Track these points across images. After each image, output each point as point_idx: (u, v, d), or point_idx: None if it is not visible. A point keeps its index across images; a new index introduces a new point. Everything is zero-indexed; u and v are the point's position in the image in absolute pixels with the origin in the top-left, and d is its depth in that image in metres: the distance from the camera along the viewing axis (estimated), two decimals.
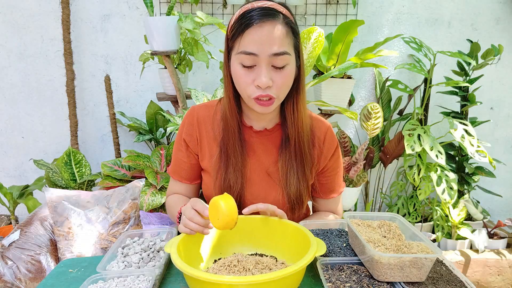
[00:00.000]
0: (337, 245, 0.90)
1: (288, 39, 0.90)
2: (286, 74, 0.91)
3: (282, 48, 0.88)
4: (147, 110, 2.23)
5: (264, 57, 0.88)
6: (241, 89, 0.94)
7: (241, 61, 0.90)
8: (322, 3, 2.25)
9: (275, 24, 0.88)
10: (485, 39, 2.34)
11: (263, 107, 0.94)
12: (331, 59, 1.95)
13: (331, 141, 1.09)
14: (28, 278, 1.43)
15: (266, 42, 0.87)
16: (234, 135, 1.01)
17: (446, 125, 2.33)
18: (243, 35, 0.88)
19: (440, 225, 2.26)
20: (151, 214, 1.91)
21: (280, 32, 0.88)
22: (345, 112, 1.80)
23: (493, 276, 2.22)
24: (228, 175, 1.02)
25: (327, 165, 1.10)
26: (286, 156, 1.03)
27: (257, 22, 0.87)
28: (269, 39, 0.87)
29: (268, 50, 0.87)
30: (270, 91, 0.91)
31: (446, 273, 0.81)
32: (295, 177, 1.02)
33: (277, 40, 0.87)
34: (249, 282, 0.66)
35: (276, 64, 0.89)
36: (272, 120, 1.06)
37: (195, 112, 1.09)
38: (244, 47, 0.88)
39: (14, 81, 2.26)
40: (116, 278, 0.81)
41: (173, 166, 1.14)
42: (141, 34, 2.23)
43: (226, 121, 1.02)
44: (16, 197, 2.05)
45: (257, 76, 0.90)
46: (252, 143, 1.06)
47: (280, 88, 0.92)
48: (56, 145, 2.37)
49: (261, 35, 0.87)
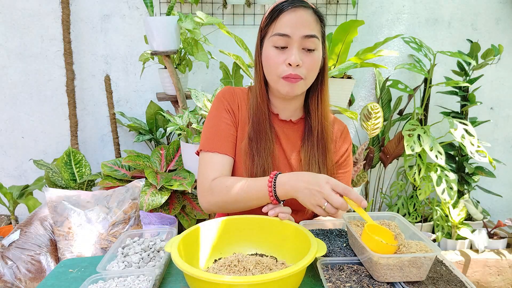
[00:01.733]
0: (337, 245, 0.90)
1: (317, 26, 0.98)
2: (314, 58, 0.98)
3: (313, 31, 0.96)
4: (147, 110, 2.23)
5: (296, 38, 0.95)
6: (271, 70, 0.99)
7: (274, 43, 0.97)
8: (322, 3, 2.25)
9: (307, 10, 0.97)
10: (485, 39, 2.34)
11: (291, 84, 0.98)
12: (331, 59, 1.95)
13: (346, 139, 1.14)
14: (28, 278, 1.43)
15: (299, 24, 0.95)
16: (264, 120, 1.05)
17: (446, 125, 2.33)
18: (278, 19, 0.97)
19: (440, 225, 2.26)
20: (151, 214, 1.91)
21: (311, 17, 0.96)
22: (345, 112, 1.80)
23: (493, 276, 2.22)
24: (261, 159, 1.03)
25: (338, 161, 1.13)
26: (308, 147, 1.07)
27: (290, 7, 0.95)
28: (302, 22, 0.95)
29: (300, 31, 0.95)
30: (299, 70, 0.97)
31: (446, 273, 0.81)
32: (316, 167, 1.06)
33: (308, 23, 0.96)
34: (249, 282, 0.66)
35: (307, 46, 0.96)
36: (296, 111, 1.10)
37: (232, 89, 1.12)
38: (278, 29, 0.96)
39: (14, 81, 2.26)
40: (116, 278, 0.81)
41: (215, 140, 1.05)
42: (141, 34, 2.23)
43: (257, 106, 1.06)
44: (16, 197, 2.05)
45: (289, 55, 0.96)
46: (277, 131, 1.09)
47: (308, 69, 0.98)
48: (56, 145, 2.37)
49: (294, 18, 0.95)
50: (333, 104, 1.93)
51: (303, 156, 1.07)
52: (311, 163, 1.06)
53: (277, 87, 1.01)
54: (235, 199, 0.97)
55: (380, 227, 0.82)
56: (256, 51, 1.04)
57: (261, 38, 1.03)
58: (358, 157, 2.09)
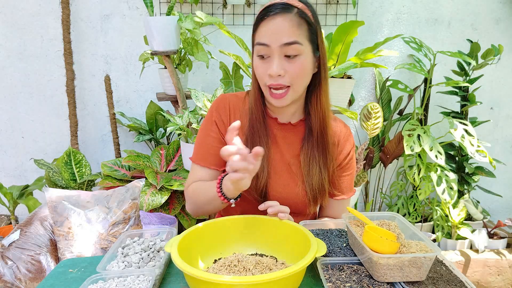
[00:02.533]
0: (337, 245, 0.90)
1: (300, 31, 0.93)
2: (298, 64, 0.95)
3: (292, 38, 0.92)
4: (147, 110, 2.23)
5: (275, 47, 0.93)
6: (258, 79, 1.00)
7: (257, 52, 0.97)
8: (322, 3, 2.25)
9: (286, 16, 0.92)
10: (485, 39, 2.34)
11: (277, 100, 0.97)
12: (331, 59, 1.94)
13: (349, 141, 1.12)
14: (28, 278, 1.43)
15: (277, 33, 0.92)
16: (259, 125, 1.05)
17: (446, 125, 2.33)
18: (258, 28, 0.95)
19: (440, 225, 2.26)
20: (151, 214, 1.91)
21: (290, 23, 0.92)
22: (345, 112, 1.80)
23: (493, 276, 2.22)
24: None
25: (341, 164, 1.12)
26: (308, 148, 1.06)
27: (269, 15, 0.93)
28: (279, 30, 0.92)
29: (278, 40, 0.92)
30: (283, 80, 0.95)
31: (446, 273, 0.81)
32: (317, 168, 1.04)
33: (287, 31, 0.92)
34: (249, 282, 0.66)
35: (288, 53, 0.93)
36: (295, 114, 1.09)
37: (226, 99, 1.11)
38: (258, 38, 0.95)
39: (14, 81, 2.26)
40: (116, 278, 0.81)
41: (199, 152, 1.10)
42: (141, 34, 2.23)
43: (252, 111, 1.06)
44: (16, 197, 2.05)
45: (269, 66, 0.95)
46: (276, 135, 1.08)
47: (293, 77, 0.95)
48: (56, 145, 2.37)
49: (271, 27, 0.92)
50: (333, 104, 1.93)
51: (302, 158, 1.05)
52: (312, 165, 1.04)
53: (266, 96, 1.00)
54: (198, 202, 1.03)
55: (381, 229, 0.82)
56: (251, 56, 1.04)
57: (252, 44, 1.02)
58: (358, 157, 2.09)
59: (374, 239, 0.77)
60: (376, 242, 0.77)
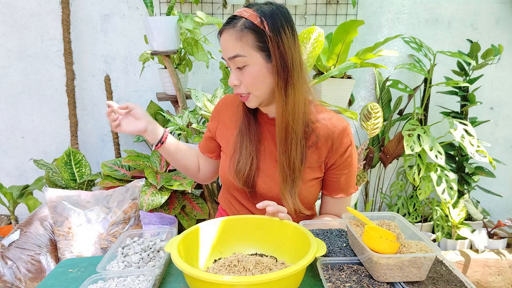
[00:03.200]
0: (337, 245, 0.90)
1: (241, 43, 0.97)
2: (248, 73, 1.00)
3: (233, 52, 0.98)
4: (147, 110, 2.23)
5: (227, 60, 1.01)
6: None
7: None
8: (322, 3, 2.25)
9: (228, 31, 0.99)
10: (485, 39, 2.34)
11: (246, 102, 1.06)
12: (331, 59, 1.94)
13: (343, 139, 1.08)
14: (28, 278, 1.43)
15: (224, 48, 1.00)
16: (249, 120, 1.11)
17: (446, 125, 2.33)
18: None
19: (440, 225, 2.26)
20: (151, 214, 1.91)
21: (232, 37, 0.98)
22: (345, 112, 1.80)
23: (493, 276, 2.22)
24: (242, 157, 1.09)
25: (336, 162, 1.09)
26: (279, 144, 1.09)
27: (221, 31, 1.01)
28: (224, 45, 1.00)
29: (226, 55, 1.01)
30: (240, 89, 1.02)
31: (446, 273, 0.81)
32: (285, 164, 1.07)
33: (229, 45, 0.99)
34: (249, 282, 0.66)
35: (237, 65, 1.00)
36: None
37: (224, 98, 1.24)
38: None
39: (14, 81, 2.26)
40: (116, 278, 0.81)
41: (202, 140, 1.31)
42: (141, 34, 2.23)
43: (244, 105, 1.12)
44: (16, 197, 2.05)
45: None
46: (266, 130, 1.13)
47: (246, 85, 1.01)
48: (56, 145, 2.37)
49: (221, 43, 1.01)
50: (333, 104, 1.93)
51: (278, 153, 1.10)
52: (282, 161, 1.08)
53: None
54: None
55: (381, 229, 0.82)
56: None
57: None
58: (358, 157, 2.09)
59: (374, 239, 0.77)
60: (376, 242, 0.77)
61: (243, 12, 0.99)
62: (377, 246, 0.77)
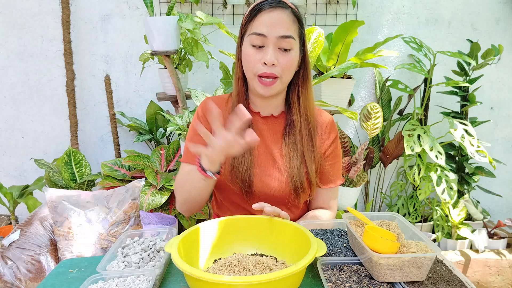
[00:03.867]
0: (337, 245, 0.90)
1: (294, 26, 1.00)
2: (290, 57, 1.01)
3: (288, 31, 0.98)
4: (147, 110, 2.23)
5: (272, 38, 0.98)
6: (248, 67, 1.03)
7: (251, 41, 1.00)
8: (322, 3, 2.25)
9: (284, 11, 0.99)
10: (485, 39, 2.34)
11: (265, 87, 1.02)
12: (331, 59, 1.95)
13: (331, 130, 1.16)
14: (28, 278, 1.43)
15: (275, 25, 0.97)
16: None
17: (446, 125, 2.33)
18: (255, 19, 1.00)
19: (440, 225, 2.26)
20: (151, 214, 1.91)
21: (287, 18, 0.99)
22: (345, 112, 1.80)
23: (493, 276, 2.22)
24: (238, 159, 1.07)
25: (326, 152, 1.14)
26: (290, 140, 1.09)
27: (268, 7, 0.98)
28: (278, 22, 0.98)
29: (276, 32, 0.98)
30: (275, 69, 1.00)
31: (446, 273, 0.81)
32: (297, 160, 1.08)
33: (284, 24, 0.98)
34: (249, 282, 0.66)
35: (283, 46, 0.99)
36: (278, 107, 1.13)
37: (209, 100, 1.16)
38: (255, 28, 0.99)
39: (14, 81, 2.26)
40: (116, 278, 0.81)
41: (185, 152, 1.13)
42: (141, 34, 2.23)
43: (234, 106, 1.09)
44: (16, 197, 2.05)
45: (265, 54, 0.99)
46: (259, 128, 1.12)
47: (284, 68, 1.00)
48: (56, 145, 2.37)
49: (271, 18, 0.98)
50: (333, 104, 1.93)
51: (284, 150, 1.10)
52: (293, 157, 1.08)
53: (254, 85, 1.04)
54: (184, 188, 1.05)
55: (381, 229, 0.82)
56: (236, 49, 1.08)
57: (241, 36, 1.05)
58: (358, 157, 2.09)
59: (374, 239, 0.77)
60: (376, 242, 0.77)
61: (287, 1, 1.02)
62: (377, 246, 0.77)
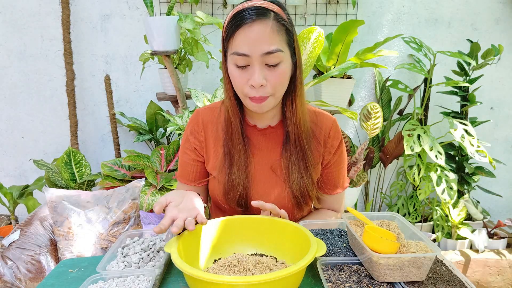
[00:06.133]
0: (337, 245, 0.90)
1: (279, 36, 0.89)
2: (280, 72, 0.91)
3: (273, 46, 0.88)
4: (147, 110, 2.23)
5: (256, 56, 0.88)
6: (237, 89, 0.95)
7: (235, 61, 0.91)
8: (322, 3, 2.25)
9: (265, 23, 0.87)
10: (485, 39, 2.34)
11: (258, 105, 0.93)
12: (331, 59, 1.95)
13: (335, 136, 1.09)
14: (28, 278, 1.43)
15: (257, 42, 0.87)
16: (237, 134, 1.02)
17: (446, 125, 2.33)
18: (235, 36, 0.89)
19: (440, 225, 2.26)
20: (151, 214, 1.91)
21: (270, 30, 0.87)
22: (345, 112, 1.80)
23: (493, 276, 2.22)
24: (232, 174, 1.02)
25: (331, 160, 1.10)
26: (287, 152, 1.03)
27: (247, 22, 0.87)
28: (259, 38, 0.87)
29: (259, 49, 0.87)
30: (265, 90, 0.91)
31: (446, 273, 0.81)
32: (297, 173, 1.02)
33: (267, 39, 0.87)
34: (249, 282, 0.66)
35: (269, 62, 0.89)
36: (275, 117, 1.06)
37: (199, 115, 1.09)
38: (236, 48, 0.89)
39: (14, 81, 2.26)
40: (116, 278, 0.81)
41: (179, 170, 1.13)
42: (141, 34, 2.23)
43: (228, 121, 1.02)
44: (16, 197, 2.05)
45: (251, 75, 0.90)
46: (256, 141, 1.06)
47: (274, 86, 0.92)
48: (56, 145, 2.37)
49: (251, 36, 0.87)
50: (333, 104, 1.93)
51: (283, 162, 1.04)
52: (291, 170, 1.02)
53: (246, 104, 0.97)
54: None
55: (381, 229, 0.82)
56: (222, 62, 0.98)
57: (224, 51, 0.95)
58: (358, 157, 2.09)
59: (374, 239, 0.77)
60: (376, 242, 0.77)
61: (269, 5, 0.90)
62: (377, 246, 0.77)
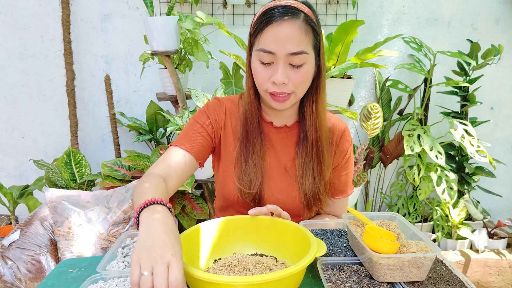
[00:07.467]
0: (337, 245, 0.90)
1: (307, 39, 0.90)
2: (303, 73, 0.92)
3: (299, 47, 0.89)
4: (147, 110, 2.23)
5: (281, 55, 0.89)
6: (258, 84, 0.96)
7: (259, 57, 0.92)
8: (322, 3, 2.25)
9: (294, 23, 0.88)
10: (485, 39, 2.34)
11: (279, 103, 0.95)
12: (331, 59, 1.94)
13: (346, 140, 1.10)
14: (28, 278, 1.43)
15: (284, 41, 0.88)
16: (253, 129, 1.03)
17: (446, 125, 2.33)
18: (263, 33, 0.90)
19: (440, 225, 2.26)
20: None
21: (298, 31, 0.89)
22: (345, 112, 1.80)
23: (493, 276, 2.22)
24: (248, 168, 1.02)
25: (339, 164, 1.10)
26: (303, 153, 1.03)
27: (276, 20, 0.88)
28: (287, 38, 0.88)
29: (285, 49, 0.89)
30: (286, 88, 0.93)
31: (446, 273, 0.81)
32: (310, 174, 1.03)
33: (295, 39, 0.88)
34: (249, 282, 0.66)
35: (294, 63, 0.91)
36: (291, 117, 1.07)
37: (222, 103, 1.08)
38: (262, 44, 0.90)
39: (14, 81, 2.26)
40: (116, 278, 0.81)
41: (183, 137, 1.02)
42: (141, 34, 2.23)
43: (246, 115, 1.03)
44: (16, 197, 2.05)
45: (274, 73, 0.91)
46: (272, 139, 1.06)
47: (296, 85, 0.93)
48: (56, 145, 2.37)
49: (279, 34, 0.88)
50: (333, 104, 1.93)
51: (297, 163, 1.04)
52: (305, 171, 1.03)
53: (267, 100, 0.98)
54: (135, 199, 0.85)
55: (381, 229, 0.82)
56: (247, 58, 0.99)
57: (250, 46, 0.97)
58: (358, 157, 2.09)
59: (374, 239, 0.77)
60: (376, 242, 0.77)
61: (300, 6, 0.91)
62: (377, 246, 0.77)
